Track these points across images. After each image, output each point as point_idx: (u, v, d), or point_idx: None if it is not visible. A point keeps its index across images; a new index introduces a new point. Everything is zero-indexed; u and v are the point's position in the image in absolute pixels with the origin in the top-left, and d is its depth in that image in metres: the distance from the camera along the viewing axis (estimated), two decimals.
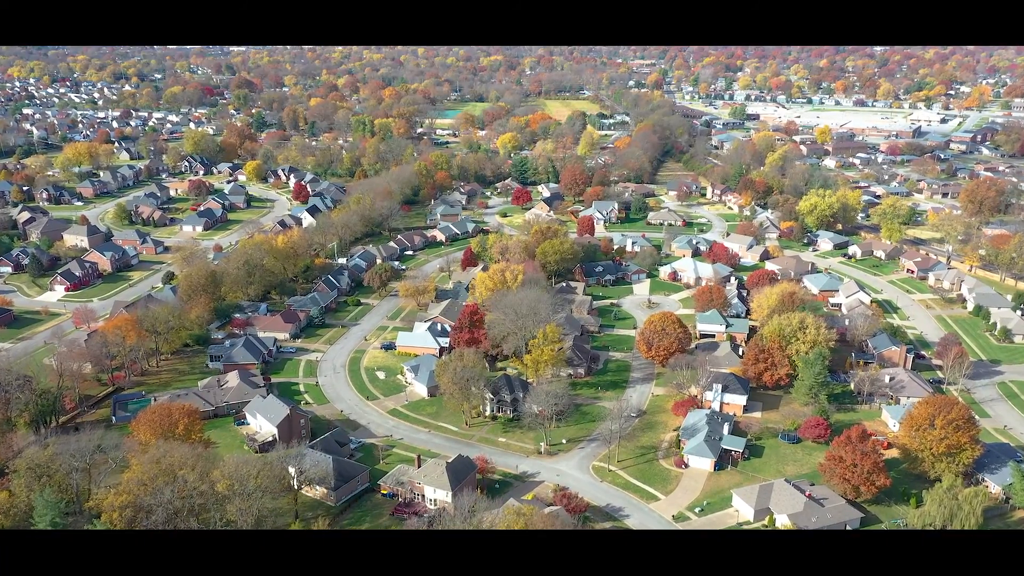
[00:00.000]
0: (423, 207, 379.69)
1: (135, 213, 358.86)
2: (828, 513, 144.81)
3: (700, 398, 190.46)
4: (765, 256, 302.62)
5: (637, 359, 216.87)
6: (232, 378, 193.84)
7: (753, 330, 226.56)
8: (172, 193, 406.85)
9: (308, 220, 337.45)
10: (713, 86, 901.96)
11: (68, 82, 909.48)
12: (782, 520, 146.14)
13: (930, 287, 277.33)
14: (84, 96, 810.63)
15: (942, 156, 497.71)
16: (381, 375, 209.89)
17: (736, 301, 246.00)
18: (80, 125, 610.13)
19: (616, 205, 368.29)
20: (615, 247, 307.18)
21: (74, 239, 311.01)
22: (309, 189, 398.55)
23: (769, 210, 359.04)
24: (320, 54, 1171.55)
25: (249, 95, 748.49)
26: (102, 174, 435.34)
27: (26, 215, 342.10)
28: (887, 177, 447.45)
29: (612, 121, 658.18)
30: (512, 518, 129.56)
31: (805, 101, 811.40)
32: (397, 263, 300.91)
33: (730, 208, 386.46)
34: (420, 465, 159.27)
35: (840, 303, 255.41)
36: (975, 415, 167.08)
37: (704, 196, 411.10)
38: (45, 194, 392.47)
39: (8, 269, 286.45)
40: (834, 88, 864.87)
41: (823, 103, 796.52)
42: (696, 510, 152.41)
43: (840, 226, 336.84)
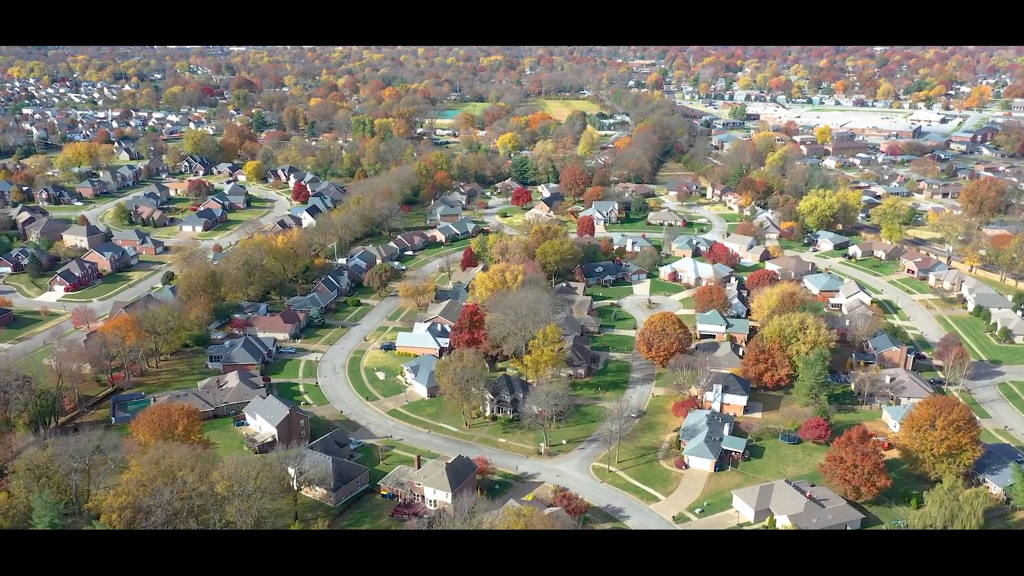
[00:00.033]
0: (423, 207, 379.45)
1: (135, 213, 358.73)
2: (829, 514, 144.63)
3: (700, 399, 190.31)
4: (765, 256, 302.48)
5: (637, 360, 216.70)
6: (232, 379, 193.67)
7: (753, 330, 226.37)
8: (172, 193, 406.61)
9: (308, 220, 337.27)
10: (713, 86, 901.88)
11: (68, 82, 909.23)
12: (782, 521, 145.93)
13: (930, 287, 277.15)
14: (84, 96, 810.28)
15: (942, 156, 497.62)
16: (381, 376, 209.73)
17: (736, 301, 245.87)
18: (80, 125, 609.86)
19: (616, 205, 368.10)
20: (615, 247, 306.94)
21: (74, 239, 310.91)
22: (309, 189, 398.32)
23: (769, 210, 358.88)
24: (320, 54, 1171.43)
25: (249, 95, 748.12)
26: (102, 174, 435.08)
27: (26, 215, 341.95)
28: (887, 177, 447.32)
29: (612, 121, 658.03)
30: (512, 519, 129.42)
31: (805, 101, 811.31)
32: (397, 263, 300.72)
33: (730, 208, 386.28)
34: (420, 466, 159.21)
35: (840, 303, 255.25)
36: (976, 416, 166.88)
37: (704, 196, 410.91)
38: (45, 194, 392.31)
39: (7, 269, 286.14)
40: (834, 88, 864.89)
41: (823, 103, 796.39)
42: (696, 511, 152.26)
43: (840, 226, 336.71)
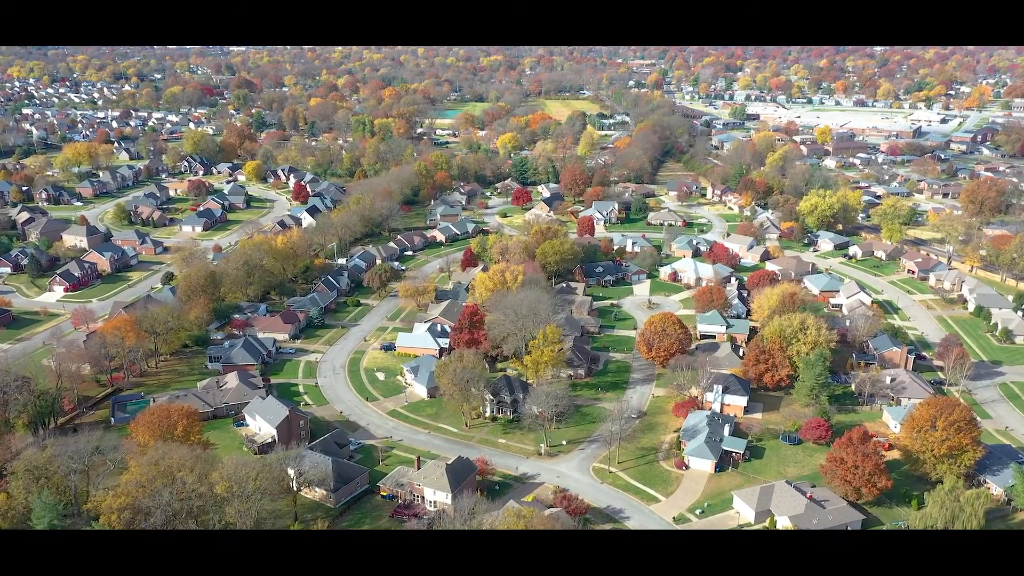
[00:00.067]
0: (423, 207, 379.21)
1: (134, 213, 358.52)
2: (829, 515, 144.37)
3: (701, 399, 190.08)
4: (765, 257, 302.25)
5: (637, 360, 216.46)
6: (231, 379, 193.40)
7: (754, 331, 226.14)
8: (171, 193, 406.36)
9: (308, 220, 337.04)
10: (713, 86, 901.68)
11: (68, 82, 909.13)
12: (783, 522, 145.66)
13: (931, 288, 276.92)
14: (84, 96, 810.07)
15: (942, 156, 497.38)
16: (381, 376, 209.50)
17: (736, 302, 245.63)
18: (80, 125, 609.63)
19: (616, 205, 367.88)
20: (615, 247, 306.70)
21: (73, 239, 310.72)
22: (309, 189, 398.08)
23: (769, 210, 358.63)
24: (320, 54, 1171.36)
25: (249, 95, 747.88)
26: (101, 174, 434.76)
27: (25, 215, 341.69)
28: (887, 177, 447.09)
29: (612, 121, 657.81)
30: (512, 520, 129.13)
31: (805, 101, 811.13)
32: (397, 263, 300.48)
33: (730, 208, 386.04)
34: (420, 467, 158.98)
35: (841, 304, 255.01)
36: (976, 416, 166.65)
37: (704, 196, 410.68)
38: (44, 194, 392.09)
39: (7, 269, 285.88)
40: (834, 88, 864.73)
41: (823, 103, 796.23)
42: (697, 512, 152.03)
43: (841, 226, 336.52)
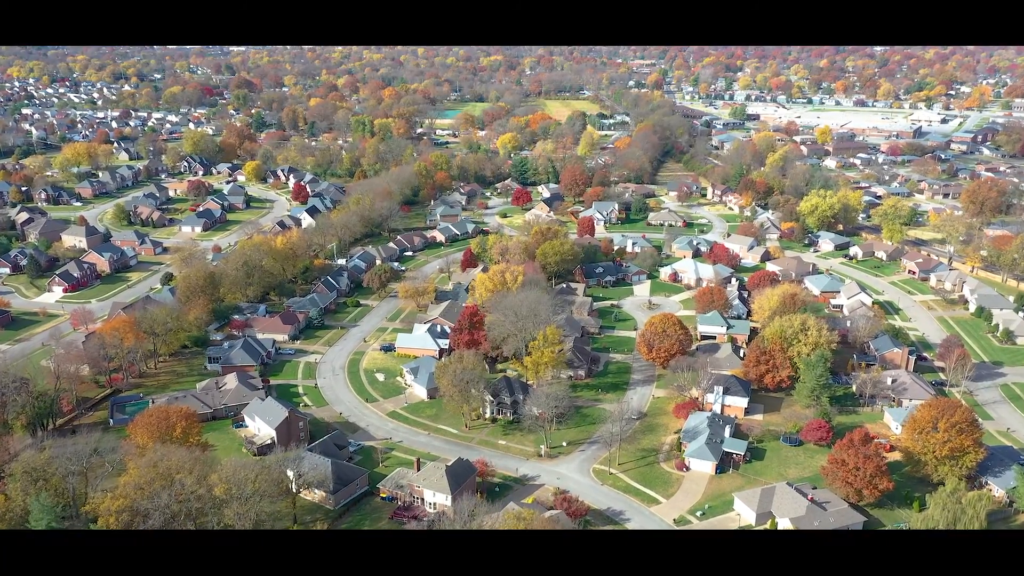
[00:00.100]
0: (423, 208, 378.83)
1: (134, 214, 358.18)
2: (830, 517, 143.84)
3: (701, 400, 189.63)
4: (766, 257, 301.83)
5: (638, 361, 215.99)
6: (230, 380, 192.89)
7: (754, 332, 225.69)
8: (171, 194, 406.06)
9: (307, 221, 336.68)
10: (713, 86, 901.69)
11: (67, 82, 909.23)
12: (784, 524, 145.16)
13: (932, 288, 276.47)
14: (83, 96, 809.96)
15: (943, 156, 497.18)
16: (380, 377, 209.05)
17: (737, 302, 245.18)
18: (79, 125, 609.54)
19: (616, 206, 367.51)
20: (615, 248, 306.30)
21: (72, 240, 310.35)
22: (308, 189, 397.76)
23: (770, 211, 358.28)
24: (320, 54, 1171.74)
25: (249, 95, 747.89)
26: (101, 174, 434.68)
27: (24, 215, 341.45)
28: (888, 178, 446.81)
29: (612, 121, 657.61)
30: (512, 522, 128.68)
31: (805, 101, 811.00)
32: (396, 264, 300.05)
33: (731, 209, 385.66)
34: (419, 468, 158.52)
35: (841, 304, 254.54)
36: (978, 418, 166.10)
37: (704, 197, 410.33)
38: (44, 194, 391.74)
39: (6, 270, 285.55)
40: (834, 88, 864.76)
41: (823, 103, 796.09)
42: (697, 514, 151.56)
43: (841, 227, 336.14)
